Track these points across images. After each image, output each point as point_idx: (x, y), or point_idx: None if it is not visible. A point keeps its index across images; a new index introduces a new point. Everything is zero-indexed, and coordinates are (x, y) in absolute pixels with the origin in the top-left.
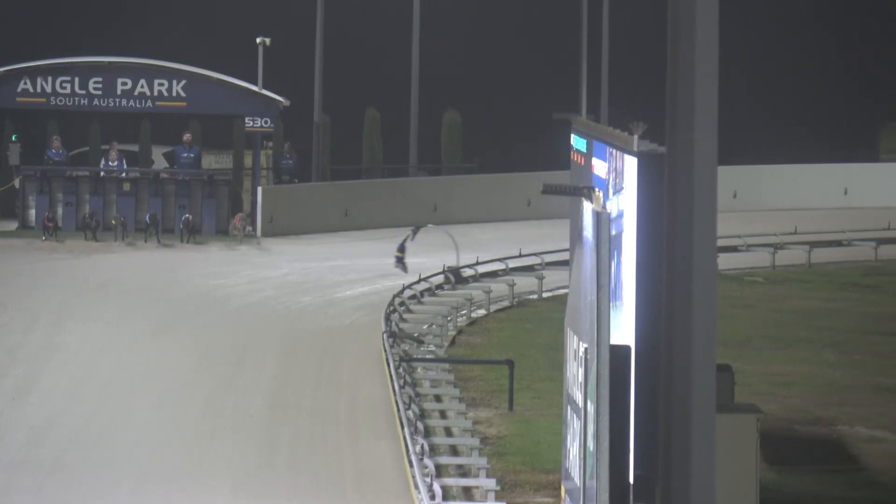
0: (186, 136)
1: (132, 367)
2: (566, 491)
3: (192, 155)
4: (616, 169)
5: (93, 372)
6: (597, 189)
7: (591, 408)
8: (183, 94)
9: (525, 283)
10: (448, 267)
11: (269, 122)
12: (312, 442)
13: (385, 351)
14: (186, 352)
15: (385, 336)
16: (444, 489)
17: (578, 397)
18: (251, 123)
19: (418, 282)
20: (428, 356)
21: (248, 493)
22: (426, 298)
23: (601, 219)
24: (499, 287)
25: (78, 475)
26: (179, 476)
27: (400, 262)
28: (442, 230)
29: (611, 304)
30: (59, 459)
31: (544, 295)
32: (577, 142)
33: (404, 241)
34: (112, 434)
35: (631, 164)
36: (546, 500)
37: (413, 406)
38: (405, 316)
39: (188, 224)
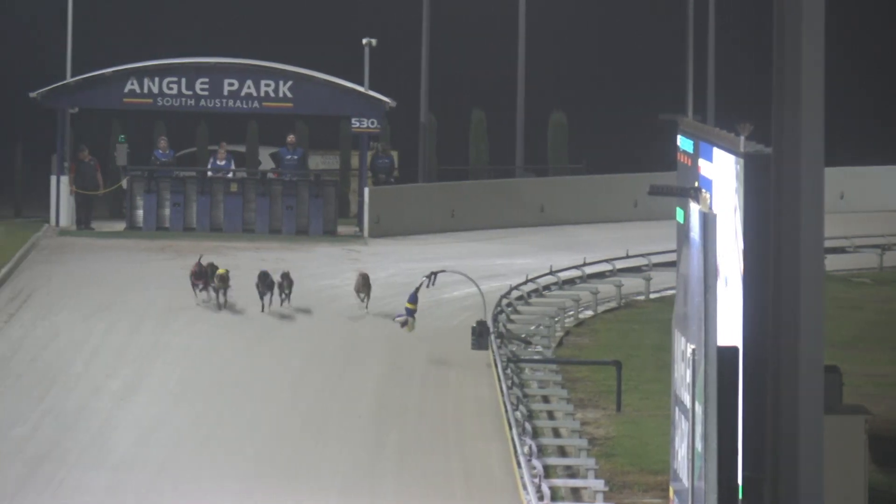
0: (290, 138)
1: (239, 369)
2: (674, 492)
3: (295, 157)
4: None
5: (199, 373)
6: (703, 190)
7: (699, 409)
8: (289, 94)
9: (632, 283)
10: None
11: (375, 122)
12: (420, 443)
13: (493, 352)
14: (293, 353)
15: (492, 337)
16: (553, 490)
17: (686, 398)
18: (357, 124)
19: (525, 283)
20: (535, 357)
21: (356, 494)
22: (533, 299)
23: (708, 220)
24: (606, 288)
25: (185, 476)
26: (287, 478)
27: (410, 314)
28: (461, 274)
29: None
30: (166, 460)
31: (652, 296)
32: (684, 143)
33: (417, 290)
34: (219, 435)
35: (728, 164)
36: (654, 502)
37: (521, 407)
38: (512, 317)
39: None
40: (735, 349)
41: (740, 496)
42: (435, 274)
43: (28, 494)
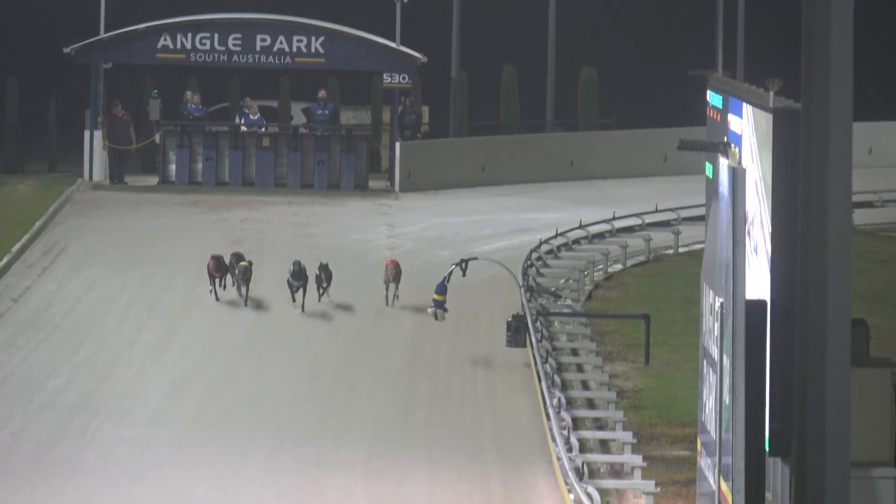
0: (321, 93)
1: (269, 322)
2: (702, 444)
3: (326, 112)
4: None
5: (231, 327)
6: (733, 145)
7: (727, 362)
8: (321, 50)
9: (661, 238)
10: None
11: (406, 78)
12: (450, 395)
13: (523, 305)
14: (324, 306)
15: (522, 290)
16: (581, 442)
17: (714, 351)
18: (388, 79)
19: (555, 237)
20: (565, 310)
21: (387, 446)
22: (563, 253)
23: (737, 174)
24: (635, 242)
25: (216, 429)
26: (317, 429)
27: (440, 306)
28: (486, 260)
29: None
30: (198, 413)
31: (680, 250)
32: (713, 98)
33: (447, 277)
34: (250, 388)
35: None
36: (682, 453)
37: (550, 360)
38: (542, 271)
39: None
40: (763, 302)
41: (767, 448)
42: (466, 262)
43: (62, 445)
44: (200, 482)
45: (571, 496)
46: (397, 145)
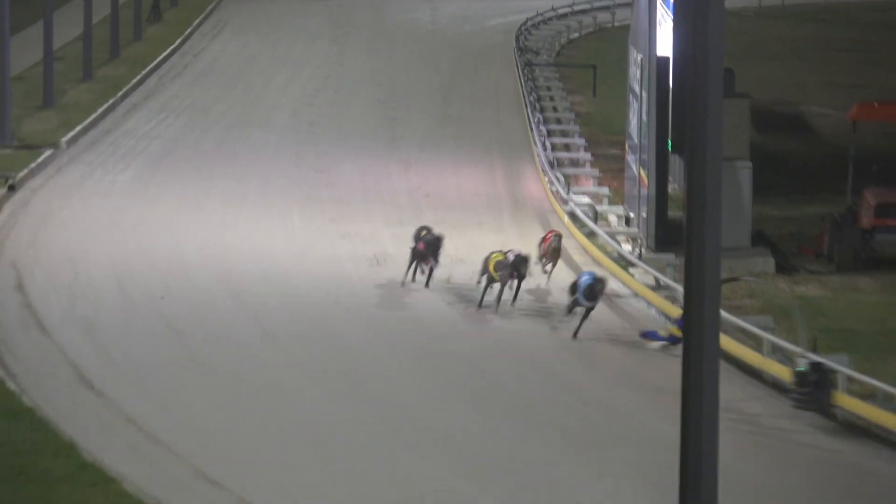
0: None
1: (313, 57)
2: (629, 146)
3: None
4: None
5: (334, 78)
6: None
7: (644, 96)
8: None
9: (603, 17)
10: None
11: None
12: (472, 113)
13: (515, 59)
14: (375, 60)
15: (515, 50)
16: (553, 145)
17: (637, 89)
18: None
19: (536, 16)
20: (542, 62)
21: (430, 147)
22: (541, 27)
23: None
24: (587, 20)
25: (324, 136)
26: (382, 135)
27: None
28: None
29: None
30: (319, 120)
31: (616, 24)
32: None
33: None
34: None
35: None
36: (616, 152)
37: (533, 93)
38: (528, 37)
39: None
40: (667, 58)
41: (670, 149)
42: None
43: (225, 145)
44: (304, 162)
45: (546, 178)
46: None
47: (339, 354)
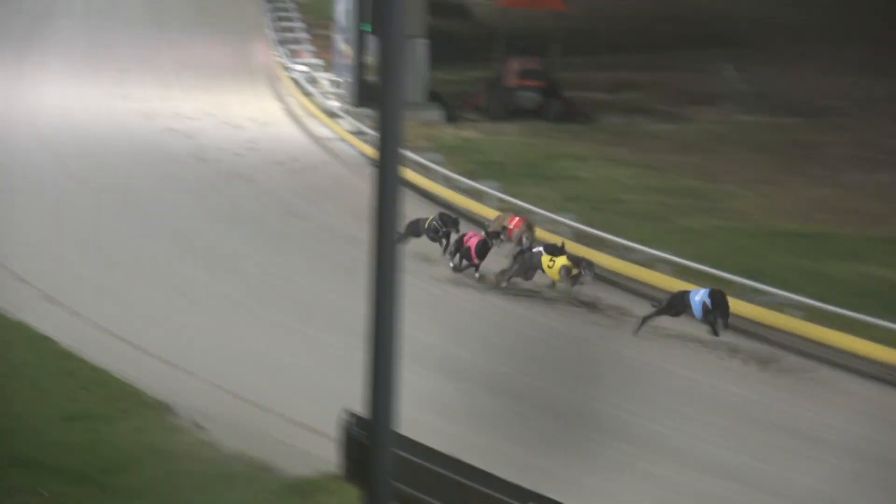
0: None
1: None
2: (337, 28)
3: None
4: None
5: None
6: None
7: None
8: None
9: None
10: None
11: None
12: (222, 7)
13: None
14: None
15: None
16: (280, 28)
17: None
18: None
19: None
20: None
21: (186, 32)
22: None
23: None
24: None
25: None
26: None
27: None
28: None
29: None
30: None
31: None
32: None
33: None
34: None
35: None
36: (326, 33)
37: None
38: None
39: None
40: None
41: (369, 28)
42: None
43: (32, 37)
44: None
45: (275, 52)
46: None
47: (116, 178)
